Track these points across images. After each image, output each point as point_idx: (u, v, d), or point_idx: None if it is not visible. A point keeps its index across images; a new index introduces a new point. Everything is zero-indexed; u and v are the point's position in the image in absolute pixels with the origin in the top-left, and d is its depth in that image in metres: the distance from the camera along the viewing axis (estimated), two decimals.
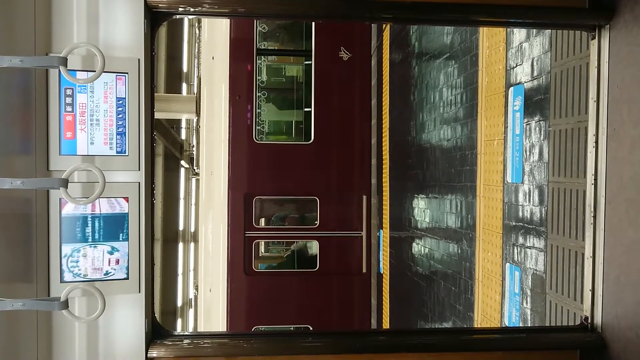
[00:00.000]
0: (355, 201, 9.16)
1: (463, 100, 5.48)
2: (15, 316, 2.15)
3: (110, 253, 2.43)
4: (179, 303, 19.87)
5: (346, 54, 9.09)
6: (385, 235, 8.89)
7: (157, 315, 2.66)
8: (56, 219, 2.36)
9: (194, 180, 19.20)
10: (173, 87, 17.41)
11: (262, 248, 10.15)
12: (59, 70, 2.20)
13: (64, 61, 2.13)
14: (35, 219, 2.32)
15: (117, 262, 2.44)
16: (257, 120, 8.94)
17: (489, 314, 4.80)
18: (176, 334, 2.61)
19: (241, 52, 8.86)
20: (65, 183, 2.13)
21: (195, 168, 16.41)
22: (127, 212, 2.43)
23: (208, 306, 9.06)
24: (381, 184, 9.05)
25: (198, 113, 10.08)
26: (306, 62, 9.32)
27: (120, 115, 2.42)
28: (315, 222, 9.11)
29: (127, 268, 2.44)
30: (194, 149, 17.44)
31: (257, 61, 9.02)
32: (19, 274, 2.26)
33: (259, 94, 9.04)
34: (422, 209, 6.85)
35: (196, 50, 17.39)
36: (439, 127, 6.20)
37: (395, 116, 8.35)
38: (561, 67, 3.66)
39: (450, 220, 5.79)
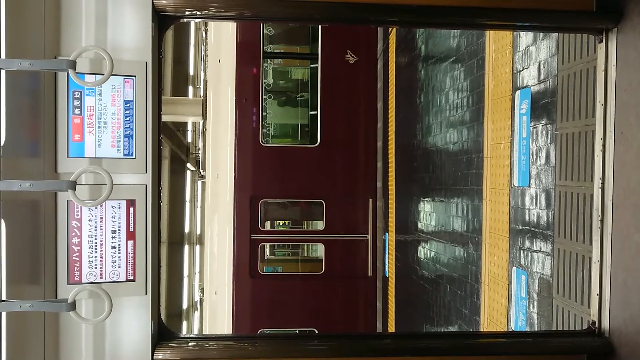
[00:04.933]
0: (361, 204, 9.16)
1: (469, 103, 5.47)
2: (23, 317, 2.16)
3: (117, 255, 2.44)
4: (185, 305, 19.92)
5: (352, 57, 9.11)
6: (391, 238, 8.87)
7: (163, 317, 2.67)
8: (64, 221, 2.37)
9: (199, 183, 19.27)
10: (179, 90, 17.50)
11: (267, 251, 10.16)
12: (68, 73, 2.22)
13: (73, 64, 2.14)
14: (43, 220, 2.33)
15: (124, 264, 2.45)
16: (263, 123, 8.96)
17: (495, 318, 4.78)
18: (182, 336, 2.62)
19: (247, 55, 8.90)
20: (73, 185, 2.14)
21: (201, 171, 16.46)
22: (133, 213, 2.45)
23: (213, 309, 9.07)
24: (387, 187, 9.03)
25: (204, 116, 10.13)
26: (312, 65, 9.34)
27: (127, 118, 2.43)
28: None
29: (134, 270, 2.45)
30: (200, 151, 17.51)
31: (264, 64, 9.05)
32: (27, 276, 2.27)
33: (265, 97, 9.07)
34: (428, 212, 6.84)
35: (202, 53, 17.46)
36: (445, 130, 6.19)
37: (401, 119, 8.34)
38: (568, 71, 3.65)
39: (456, 224, 5.77)
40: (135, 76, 2.43)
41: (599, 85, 2.82)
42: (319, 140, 8.97)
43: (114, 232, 2.43)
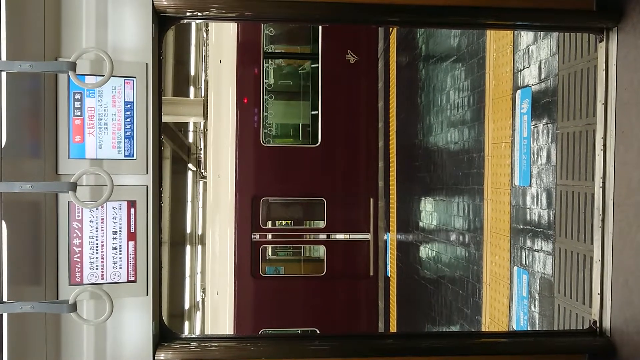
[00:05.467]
0: (363, 204, 9.15)
1: (470, 102, 5.46)
2: (25, 318, 2.16)
3: (118, 256, 2.45)
4: (187, 306, 19.93)
5: (353, 56, 9.10)
6: (392, 238, 8.87)
7: (164, 318, 2.67)
8: (65, 222, 2.38)
9: (201, 183, 19.28)
10: (181, 90, 17.52)
11: (269, 251, 10.16)
12: (68, 75, 2.22)
13: (73, 66, 2.15)
14: (44, 222, 2.34)
15: (125, 265, 2.45)
16: (264, 123, 8.97)
17: (496, 317, 4.78)
18: (183, 336, 2.62)
19: (248, 55, 8.90)
20: (74, 187, 2.14)
21: (202, 171, 16.48)
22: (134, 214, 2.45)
23: (215, 309, 9.07)
24: (388, 187, 9.04)
25: (205, 116, 10.13)
26: (313, 65, 9.34)
27: (128, 119, 2.43)
28: None
29: (135, 271, 2.46)
30: (202, 152, 17.52)
31: (264, 64, 9.05)
32: (28, 277, 2.28)
33: (266, 97, 9.07)
34: (429, 212, 6.83)
35: (203, 53, 17.47)
36: (446, 130, 6.19)
37: (402, 119, 8.34)
38: (569, 70, 3.65)
39: (457, 223, 5.77)
40: (135, 77, 2.43)
41: (600, 84, 2.82)
42: (319, 140, 8.97)
43: (115, 233, 2.44)
